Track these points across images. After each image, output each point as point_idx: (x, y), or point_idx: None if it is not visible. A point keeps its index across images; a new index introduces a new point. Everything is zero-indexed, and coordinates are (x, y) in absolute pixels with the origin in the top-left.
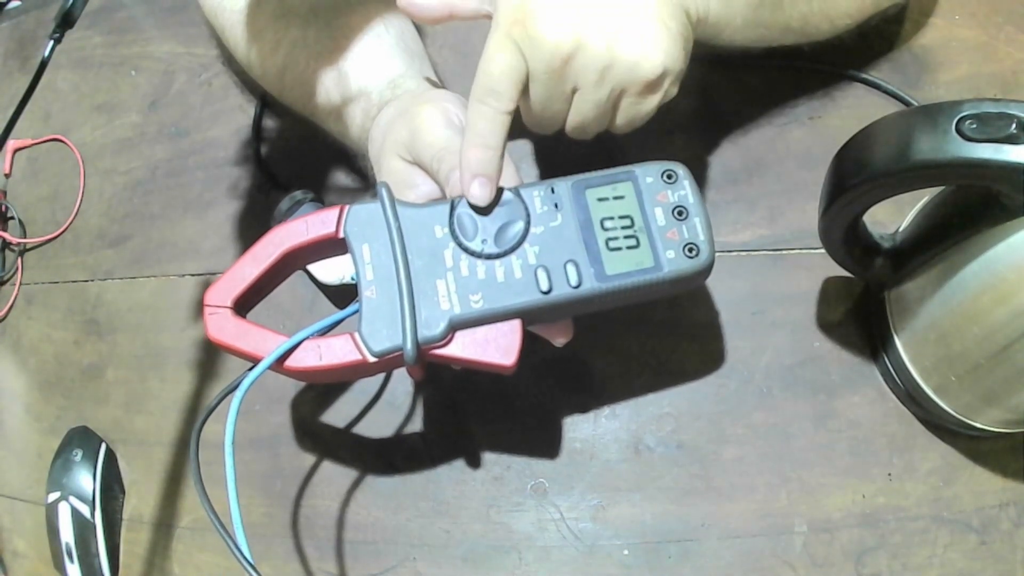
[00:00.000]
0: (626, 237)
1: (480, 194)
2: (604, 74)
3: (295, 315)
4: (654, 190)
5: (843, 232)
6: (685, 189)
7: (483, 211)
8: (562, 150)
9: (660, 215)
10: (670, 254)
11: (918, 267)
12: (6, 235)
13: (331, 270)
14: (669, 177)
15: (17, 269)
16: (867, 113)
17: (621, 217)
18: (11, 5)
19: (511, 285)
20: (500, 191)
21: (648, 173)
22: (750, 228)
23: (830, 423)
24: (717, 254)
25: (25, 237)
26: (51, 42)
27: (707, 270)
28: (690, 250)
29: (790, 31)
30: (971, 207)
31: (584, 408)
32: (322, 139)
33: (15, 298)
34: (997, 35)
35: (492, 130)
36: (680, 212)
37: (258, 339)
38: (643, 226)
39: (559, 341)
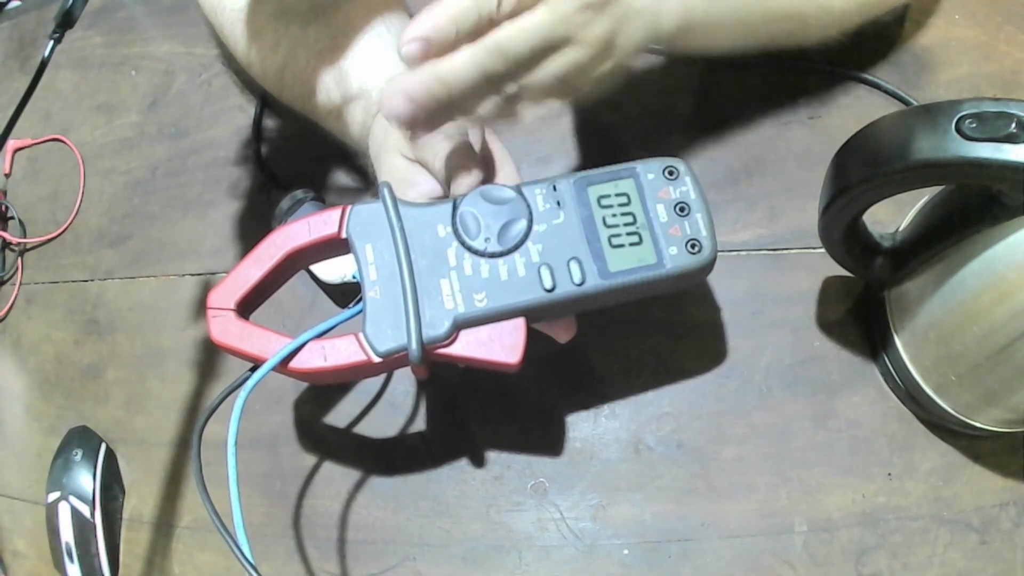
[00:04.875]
0: (629, 234)
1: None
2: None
3: (295, 315)
4: (656, 186)
5: (843, 232)
6: (687, 185)
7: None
8: (563, 149)
9: (662, 211)
10: (673, 250)
11: (918, 267)
12: (6, 235)
13: (332, 269)
14: (671, 173)
15: (17, 269)
16: (867, 113)
17: (623, 214)
18: (11, 5)
19: (515, 283)
20: (502, 189)
21: (650, 170)
22: (750, 228)
23: (830, 423)
24: (717, 253)
25: (25, 237)
26: (51, 42)
27: (709, 266)
28: (693, 246)
29: (784, 34)
30: (971, 207)
31: (584, 407)
32: (322, 138)
33: (15, 298)
34: (997, 35)
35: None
36: (682, 208)
37: (262, 341)
38: (645, 223)
39: (563, 338)
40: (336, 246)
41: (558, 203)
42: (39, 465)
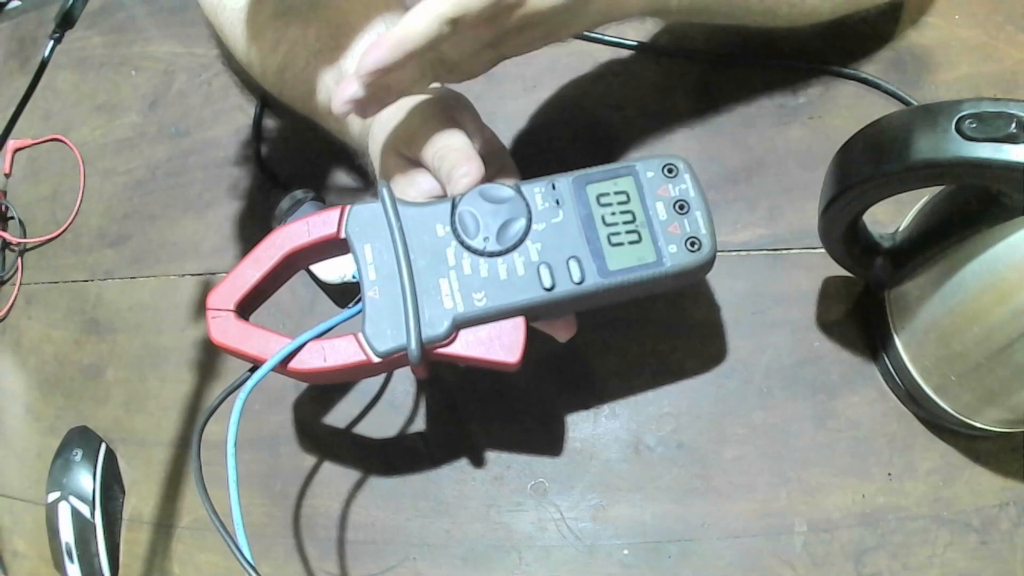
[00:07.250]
0: (628, 232)
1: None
2: None
3: (295, 315)
4: (655, 184)
5: (843, 232)
6: (686, 183)
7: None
8: (562, 147)
9: (661, 209)
10: (672, 248)
11: (918, 267)
12: (6, 235)
13: (331, 269)
14: (670, 171)
15: (17, 269)
16: (867, 113)
17: (622, 212)
18: (11, 5)
19: (514, 282)
20: (501, 188)
21: (649, 168)
22: (750, 228)
23: (830, 423)
24: (717, 254)
25: (25, 237)
26: (51, 42)
27: (709, 264)
28: (692, 244)
29: (750, 22)
30: (971, 207)
31: (584, 407)
32: (322, 138)
33: (15, 298)
34: (997, 35)
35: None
36: (681, 206)
37: (261, 342)
38: (644, 221)
39: (563, 337)
40: (335, 246)
41: (557, 202)
42: (39, 465)
